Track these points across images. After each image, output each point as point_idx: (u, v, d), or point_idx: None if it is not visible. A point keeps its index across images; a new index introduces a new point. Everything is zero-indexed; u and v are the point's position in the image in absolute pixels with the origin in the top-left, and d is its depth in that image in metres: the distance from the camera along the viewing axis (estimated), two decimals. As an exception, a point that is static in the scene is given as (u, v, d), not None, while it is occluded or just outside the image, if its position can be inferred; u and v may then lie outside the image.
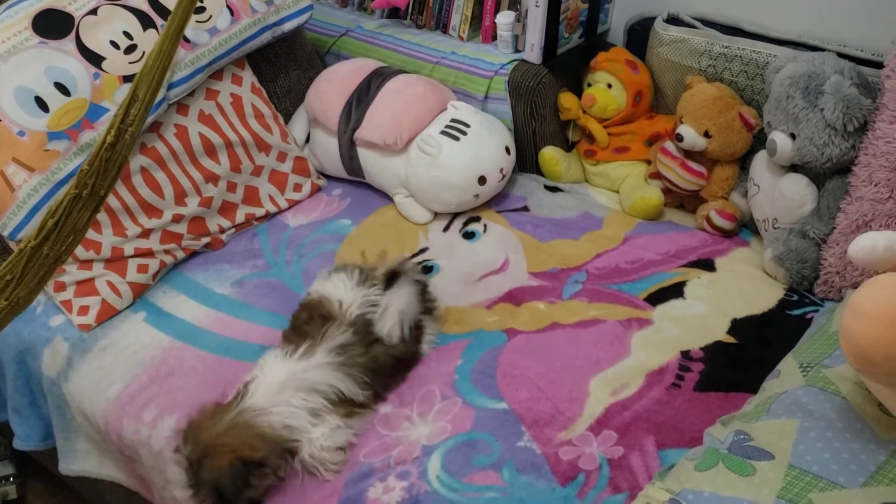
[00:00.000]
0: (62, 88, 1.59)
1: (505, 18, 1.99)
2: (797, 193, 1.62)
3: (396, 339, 1.42)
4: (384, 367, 1.41)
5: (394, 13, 2.26)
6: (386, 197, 1.94)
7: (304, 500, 1.28)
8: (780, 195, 1.64)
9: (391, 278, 1.48)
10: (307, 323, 1.45)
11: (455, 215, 1.88)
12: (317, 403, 1.31)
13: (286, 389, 1.31)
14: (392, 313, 1.43)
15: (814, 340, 1.37)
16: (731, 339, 1.50)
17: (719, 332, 1.52)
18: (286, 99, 2.07)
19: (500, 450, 1.31)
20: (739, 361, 1.45)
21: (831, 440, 1.12)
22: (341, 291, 1.47)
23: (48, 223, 1.01)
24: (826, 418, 1.15)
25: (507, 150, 1.87)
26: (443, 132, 1.82)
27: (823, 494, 1.05)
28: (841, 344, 1.06)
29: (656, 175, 1.87)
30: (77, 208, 1.03)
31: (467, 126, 1.83)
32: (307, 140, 2.04)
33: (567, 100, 1.98)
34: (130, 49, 1.67)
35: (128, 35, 1.68)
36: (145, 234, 1.70)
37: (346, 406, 1.34)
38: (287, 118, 2.05)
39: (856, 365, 1.06)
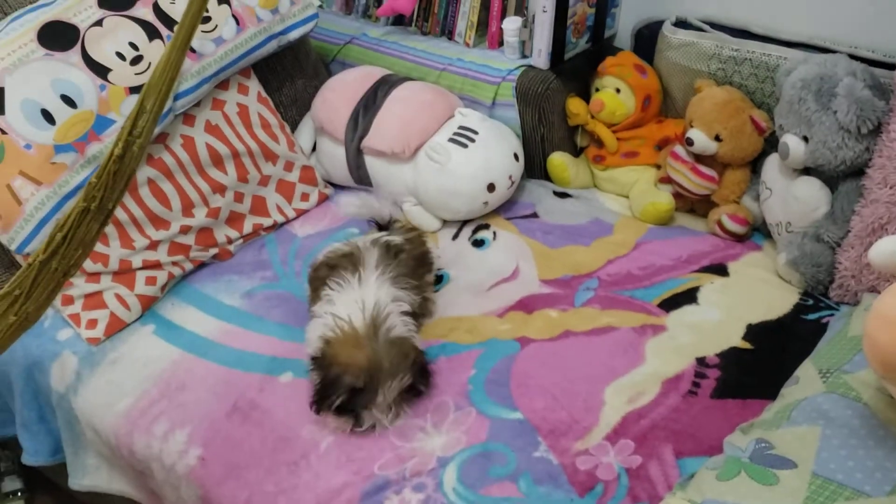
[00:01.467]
0: (68, 101, 1.58)
1: (511, 24, 1.98)
2: (811, 197, 1.60)
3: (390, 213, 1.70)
4: (413, 271, 1.54)
5: (399, 20, 2.25)
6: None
7: (318, 514, 1.27)
8: (793, 199, 1.62)
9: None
10: (333, 268, 1.51)
11: (464, 223, 1.87)
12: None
13: (396, 306, 1.44)
14: (382, 202, 1.69)
15: (832, 346, 1.35)
16: (746, 345, 1.49)
17: (734, 337, 1.50)
18: (292, 108, 2.06)
19: (516, 460, 1.29)
20: (756, 367, 1.44)
21: (855, 448, 1.10)
22: (342, 242, 1.60)
23: (56, 237, 1.00)
24: (848, 425, 1.14)
25: (516, 156, 1.86)
26: (451, 139, 1.81)
27: (849, 503, 1.03)
28: (865, 351, 1.05)
29: (667, 180, 1.85)
30: (86, 221, 1.02)
31: (475, 133, 1.82)
32: (313, 149, 2.03)
33: (575, 105, 1.96)
34: (136, 60, 1.66)
35: (134, 46, 1.67)
36: (153, 245, 1.69)
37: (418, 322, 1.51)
38: (293, 127, 2.04)
39: (881, 372, 1.05)
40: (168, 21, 1.72)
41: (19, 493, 1.97)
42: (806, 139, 1.58)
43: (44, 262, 1.00)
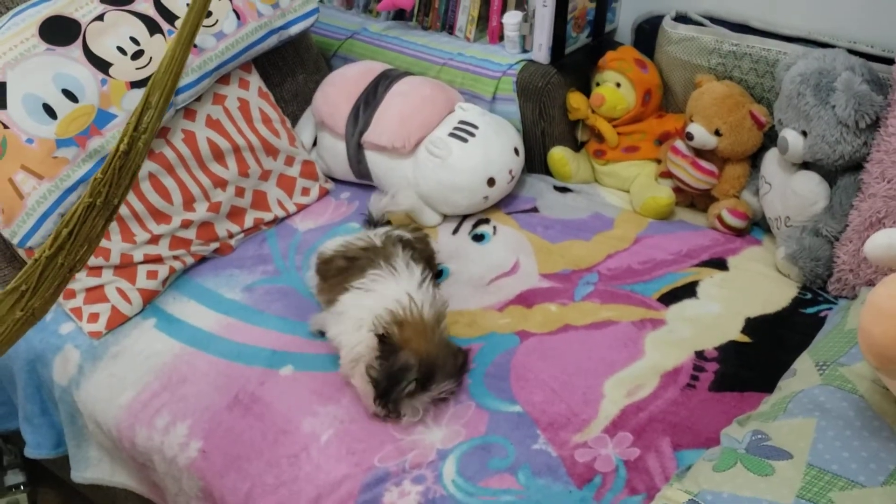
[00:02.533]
0: (70, 95, 1.59)
1: (512, 19, 1.98)
2: (809, 191, 1.61)
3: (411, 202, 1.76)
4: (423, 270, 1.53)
5: (399, 15, 2.25)
6: (394, 199, 1.94)
7: (318, 506, 1.28)
8: (792, 193, 1.63)
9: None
10: (353, 259, 1.51)
11: (464, 218, 1.87)
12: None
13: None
14: (403, 195, 1.73)
15: (829, 339, 1.36)
16: (745, 339, 1.49)
17: (733, 331, 1.51)
18: (293, 103, 2.07)
19: (515, 453, 1.30)
20: (754, 361, 1.44)
21: (850, 439, 1.11)
22: (344, 239, 1.59)
23: (62, 232, 1.01)
24: (844, 417, 1.14)
25: (516, 150, 1.86)
26: (451, 134, 1.82)
27: (843, 493, 1.04)
28: (860, 343, 1.05)
29: (667, 174, 1.86)
30: (91, 217, 1.03)
31: (475, 127, 1.82)
32: (314, 143, 2.04)
33: (576, 99, 1.97)
34: (137, 55, 1.67)
35: (135, 41, 1.67)
36: (154, 240, 1.69)
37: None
38: (294, 122, 2.04)
39: (875, 363, 1.05)
40: (169, 16, 1.72)
41: (22, 487, 1.98)
42: (805, 134, 1.58)
43: (50, 258, 1.01)
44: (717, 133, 1.75)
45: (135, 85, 1.65)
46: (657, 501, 1.14)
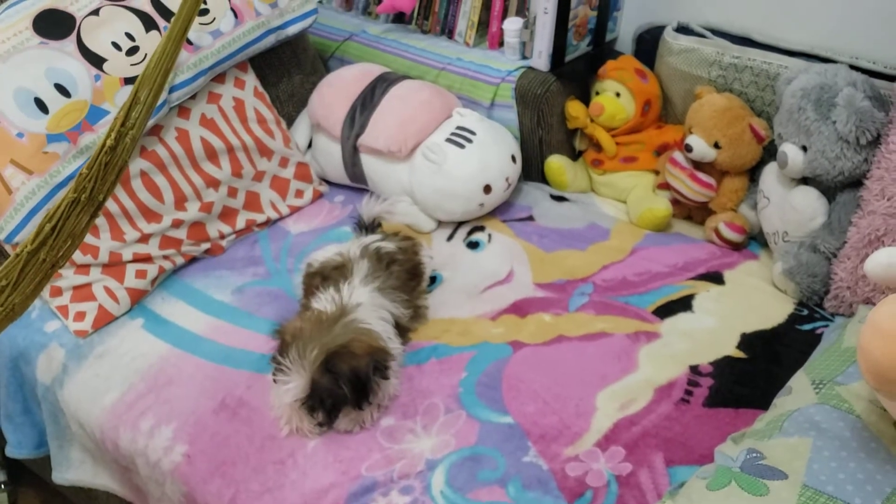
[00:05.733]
0: (62, 90, 1.56)
1: (512, 25, 1.97)
2: (808, 206, 1.59)
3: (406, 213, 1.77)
4: (404, 284, 1.54)
5: (399, 18, 2.23)
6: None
7: (303, 515, 1.25)
8: (790, 208, 1.62)
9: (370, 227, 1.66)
10: (325, 279, 1.50)
11: (459, 224, 1.85)
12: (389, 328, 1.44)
13: (375, 310, 1.43)
14: (398, 206, 1.72)
15: (826, 357, 1.34)
16: (740, 354, 1.48)
17: (728, 346, 1.49)
18: (289, 103, 2.05)
19: (505, 465, 1.28)
20: (749, 377, 1.43)
21: (846, 460, 1.09)
22: (338, 248, 1.57)
23: (45, 228, 0.98)
24: (840, 437, 1.13)
25: (513, 158, 1.85)
26: (448, 140, 1.80)
27: (839, 516, 1.02)
28: (859, 362, 1.04)
29: (665, 186, 1.84)
30: (75, 213, 1.01)
31: (473, 134, 1.81)
32: (309, 145, 2.02)
33: (574, 108, 1.95)
34: (132, 51, 1.65)
35: (130, 36, 1.65)
36: (144, 239, 1.67)
37: (402, 333, 1.49)
38: (289, 123, 2.02)
39: (874, 384, 1.04)
40: (165, 12, 1.71)
41: (2, 486, 1.95)
42: (805, 149, 1.57)
43: (32, 253, 0.99)
44: (716, 146, 1.74)
45: (129, 81, 1.63)
46: (649, 519, 1.12)
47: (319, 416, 1.33)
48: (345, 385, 1.29)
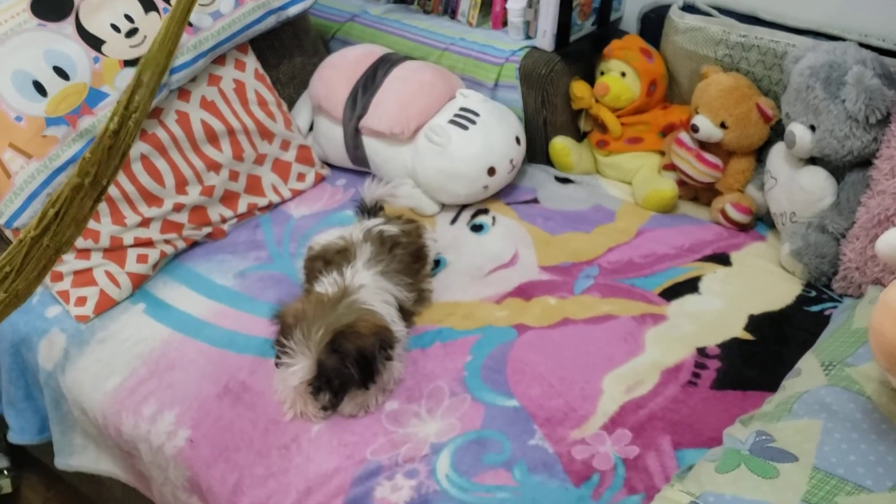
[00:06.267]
0: (61, 72, 1.55)
1: (516, 4, 1.94)
2: (816, 187, 1.57)
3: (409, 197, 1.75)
4: (408, 267, 1.52)
5: (401, -2, 2.21)
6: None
7: (308, 499, 1.24)
8: (798, 188, 1.60)
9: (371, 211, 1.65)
10: (328, 263, 1.48)
11: (463, 207, 1.84)
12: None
13: (379, 293, 1.41)
14: (401, 189, 1.70)
15: (835, 338, 1.33)
16: (748, 336, 1.46)
17: (736, 328, 1.48)
18: (290, 86, 2.03)
19: (510, 448, 1.27)
20: (757, 359, 1.41)
21: (857, 442, 1.08)
22: (341, 231, 1.56)
23: (49, 213, 0.97)
24: (851, 419, 1.11)
25: (518, 139, 1.83)
26: (451, 121, 1.78)
27: (850, 498, 1.01)
28: (871, 343, 1.03)
29: (670, 167, 1.83)
30: (79, 198, 0.99)
31: (476, 115, 1.79)
32: (311, 128, 2.00)
33: (579, 88, 1.93)
34: (132, 33, 1.63)
35: (129, 18, 1.63)
36: (145, 223, 1.66)
37: (406, 317, 1.47)
38: (291, 105, 2.00)
39: (885, 365, 1.02)
40: (164, -7, 1.68)
41: (5, 472, 1.95)
42: (813, 128, 1.55)
43: (35, 239, 0.97)
44: (722, 126, 1.72)
45: (128, 63, 1.61)
46: (657, 502, 1.11)
47: (324, 400, 1.32)
48: (351, 365, 1.28)
